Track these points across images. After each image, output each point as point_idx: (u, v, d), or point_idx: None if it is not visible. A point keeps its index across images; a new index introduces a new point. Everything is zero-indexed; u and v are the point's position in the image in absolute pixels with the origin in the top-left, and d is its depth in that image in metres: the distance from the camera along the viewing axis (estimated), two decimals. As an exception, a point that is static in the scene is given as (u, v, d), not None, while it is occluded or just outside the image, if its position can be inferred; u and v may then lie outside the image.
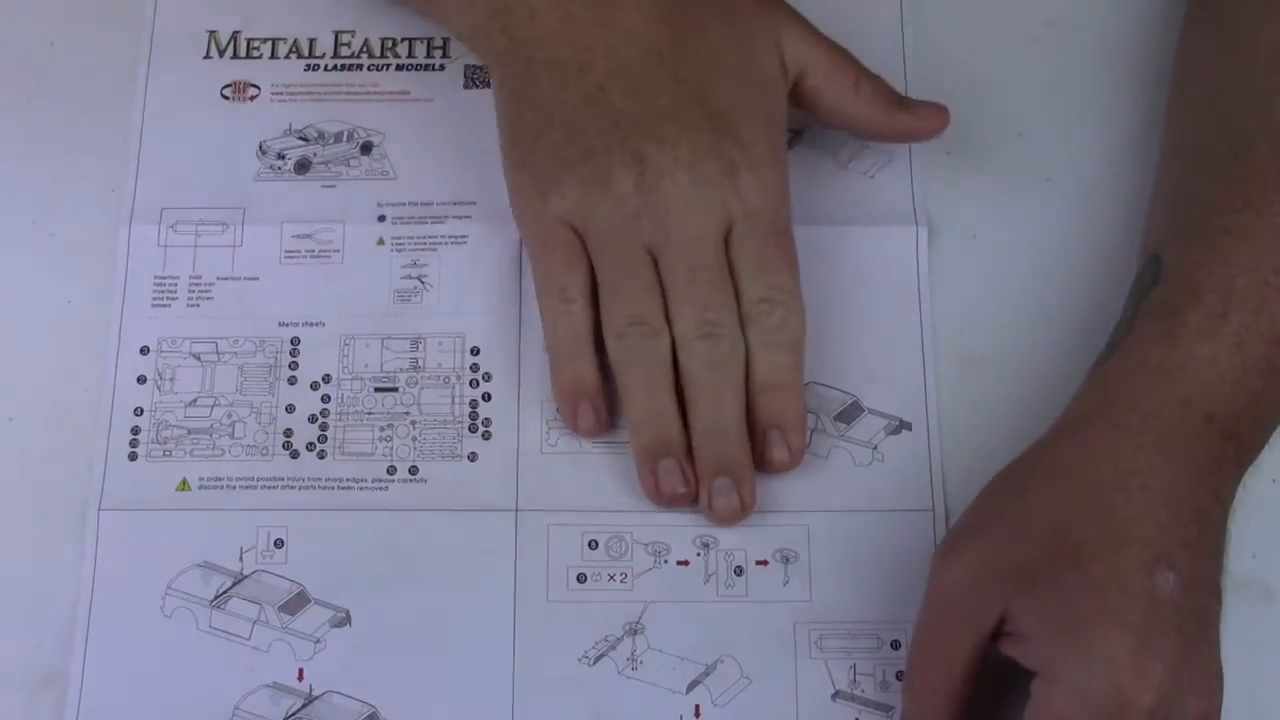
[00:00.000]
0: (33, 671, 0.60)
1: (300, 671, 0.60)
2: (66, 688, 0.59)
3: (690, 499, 0.61)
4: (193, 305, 0.65)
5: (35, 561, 0.61)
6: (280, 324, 0.65)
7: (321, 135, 0.68)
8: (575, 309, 0.62)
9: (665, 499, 0.61)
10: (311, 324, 0.65)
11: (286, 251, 0.66)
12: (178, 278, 0.65)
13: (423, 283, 0.65)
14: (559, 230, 0.62)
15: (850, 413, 0.64)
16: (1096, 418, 0.57)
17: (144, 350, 0.64)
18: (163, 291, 0.65)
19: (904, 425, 0.64)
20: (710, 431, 0.61)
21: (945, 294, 0.66)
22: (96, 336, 0.65)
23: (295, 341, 0.64)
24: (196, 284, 0.65)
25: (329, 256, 0.66)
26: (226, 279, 0.65)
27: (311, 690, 0.60)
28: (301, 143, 0.67)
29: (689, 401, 0.61)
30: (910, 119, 0.66)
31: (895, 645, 0.60)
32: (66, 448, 0.63)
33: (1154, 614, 0.53)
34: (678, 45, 0.63)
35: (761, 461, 0.62)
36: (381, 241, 0.66)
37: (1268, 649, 0.61)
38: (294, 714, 0.59)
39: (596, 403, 0.62)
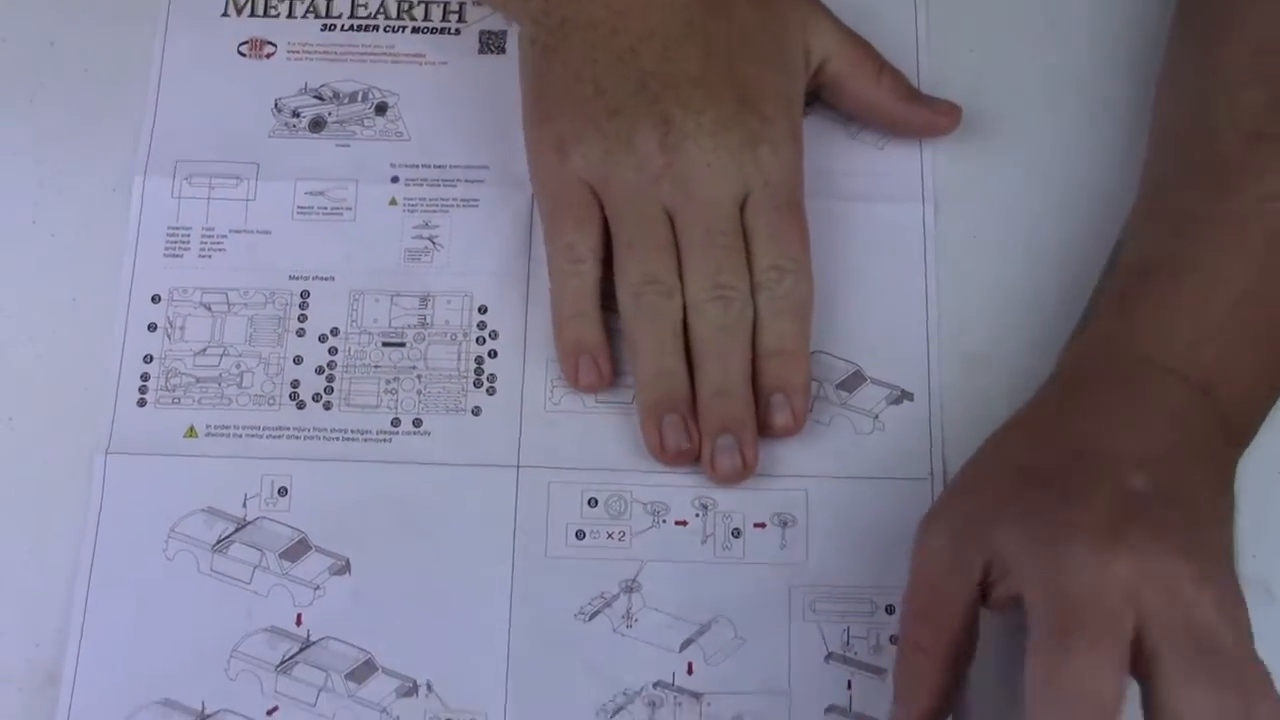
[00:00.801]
0: (35, 604, 0.61)
1: (299, 616, 0.60)
2: (69, 625, 0.60)
3: (693, 456, 0.62)
4: (204, 256, 0.66)
5: (42, 503, 0.62)
6: (290, 277, 0.65)
7: (336, 95, 0.68)
8: (584, 268, 0.63)
9: (669, 455, 0.62)
10: (321, 278, 0.65)
11: (299, 207, 0.66)
12: (190, 229, 0.66)
13: (433, 243, 0.66)
14: (575, 188, 0.63)
15: (852, 381, 0.64)
16: (1062, 381, 0.58)
17: (155, 299, 0.65)
18: (175, 242, 0.66)
19: (905, 395, 0.64)
20: (717, 391, 0.61)
21: (950, 270, 0.66)
22: (108, 285, 0.65)
23: (305, 295, 0.65)
24: (209, 236, 0.66)
25: (341, 214, 0.66)
26: (239, 232, 0.66)
27: (309, 635, 0.60)
28: (317, 101, 0.68)
29: (697, 362, 0.62)
30: (926, 112, 0.67)
31: (889, 610, 0.61)
32: (76, 393, 0.64)
33: (1123, 505, 0.52)
34: (709, 17, 0.64)
35: (764, 425, 0.62)
36: (394, 201, 0.67)
37: (1268, 649, 0.59)
38: (291, 658, 0.60)
39: (599, 359, 0.63)
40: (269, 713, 0.59)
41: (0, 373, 0.64)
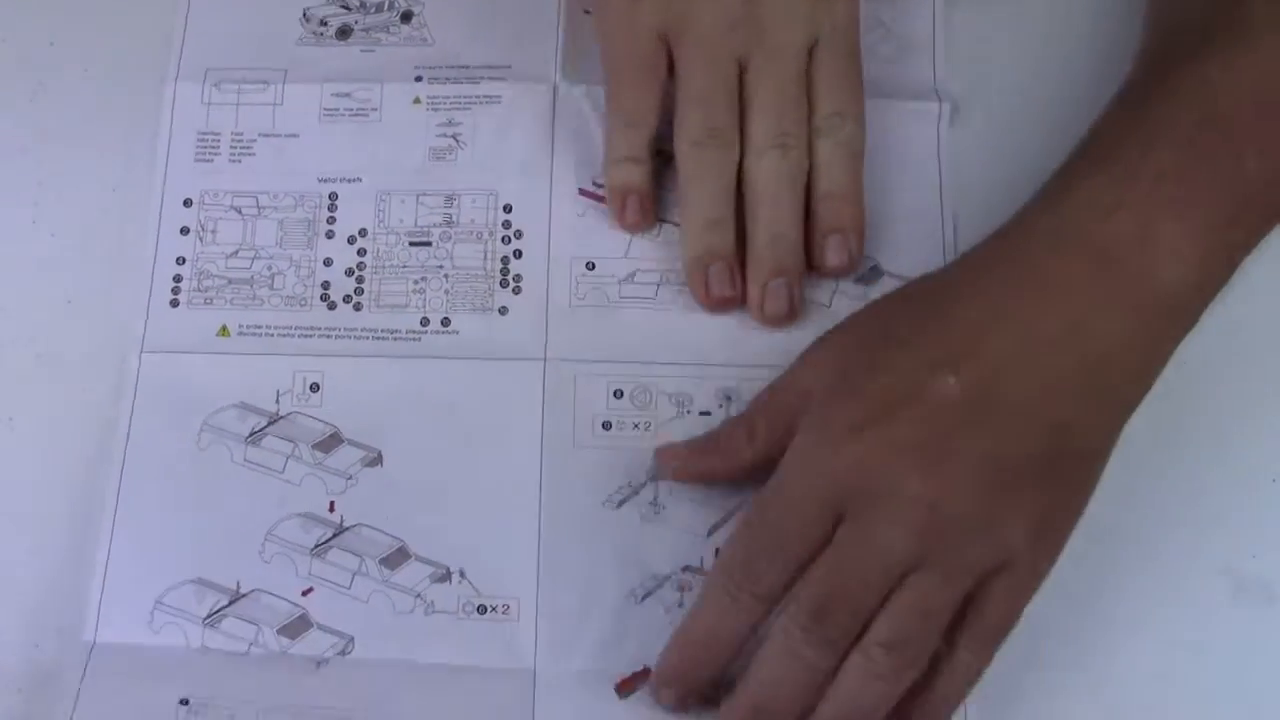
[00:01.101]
0: (36, 605, 0.61)
1: (331, 504, 0.62)
2: (102, 513, 0.61)
3: (737, 303, 0.63)
4: (234, 161, 0.67)
5: (41, 504, 0.62)
6: (319, 180, 0.66)
7: (363, 4, 0.69)
8: (643, 122, 0.64)
9: (713, 301, 0.63)
10: (349, 180, 0.66)
11: (325, 110, 0.67)
12: (220, 134, 0.67)
13: (457, 141, 0.67)
14: (644, 40, 0.63)
15: (870, 276, 0.65)
16: (974, 251, 0.60)
17: (187, 203, 0.66)
18: (205, 147, 0.67)
19: (924, 289, 0.65)
20: (772, 238, 0.63)
21: (966, 166, 0.67)
22: (140, 189, 0.66)
23: (333, 197, 0.66)
24: (238, 140, 0.67)
25: (367, 115, 0.67)
26: (268, 135, 0.67)
27: (342, 521, 0.61)
28: (343, 10, 0.69)
29: (751, 207, 0.63)
30: None
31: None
32: (110, 295, 0.65)
33: (912, 403, 0.54)
34: None
35: (820, 265, 0.64)
36: (418, 100, 0.68)
37: (1268, 649, 0.60)
38: (324, 543, 0.61)
39: (645, 201, 0.64)
40: (304, 594, 0.60)
41: (0, 373, 0.65)
